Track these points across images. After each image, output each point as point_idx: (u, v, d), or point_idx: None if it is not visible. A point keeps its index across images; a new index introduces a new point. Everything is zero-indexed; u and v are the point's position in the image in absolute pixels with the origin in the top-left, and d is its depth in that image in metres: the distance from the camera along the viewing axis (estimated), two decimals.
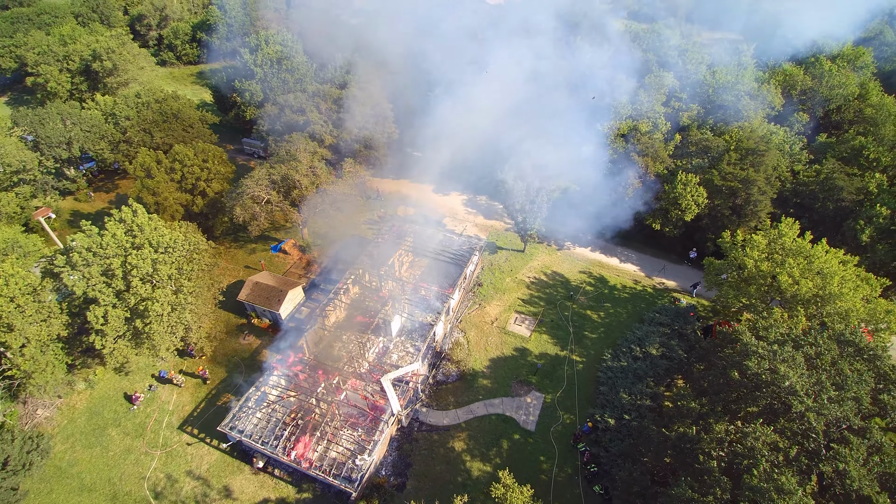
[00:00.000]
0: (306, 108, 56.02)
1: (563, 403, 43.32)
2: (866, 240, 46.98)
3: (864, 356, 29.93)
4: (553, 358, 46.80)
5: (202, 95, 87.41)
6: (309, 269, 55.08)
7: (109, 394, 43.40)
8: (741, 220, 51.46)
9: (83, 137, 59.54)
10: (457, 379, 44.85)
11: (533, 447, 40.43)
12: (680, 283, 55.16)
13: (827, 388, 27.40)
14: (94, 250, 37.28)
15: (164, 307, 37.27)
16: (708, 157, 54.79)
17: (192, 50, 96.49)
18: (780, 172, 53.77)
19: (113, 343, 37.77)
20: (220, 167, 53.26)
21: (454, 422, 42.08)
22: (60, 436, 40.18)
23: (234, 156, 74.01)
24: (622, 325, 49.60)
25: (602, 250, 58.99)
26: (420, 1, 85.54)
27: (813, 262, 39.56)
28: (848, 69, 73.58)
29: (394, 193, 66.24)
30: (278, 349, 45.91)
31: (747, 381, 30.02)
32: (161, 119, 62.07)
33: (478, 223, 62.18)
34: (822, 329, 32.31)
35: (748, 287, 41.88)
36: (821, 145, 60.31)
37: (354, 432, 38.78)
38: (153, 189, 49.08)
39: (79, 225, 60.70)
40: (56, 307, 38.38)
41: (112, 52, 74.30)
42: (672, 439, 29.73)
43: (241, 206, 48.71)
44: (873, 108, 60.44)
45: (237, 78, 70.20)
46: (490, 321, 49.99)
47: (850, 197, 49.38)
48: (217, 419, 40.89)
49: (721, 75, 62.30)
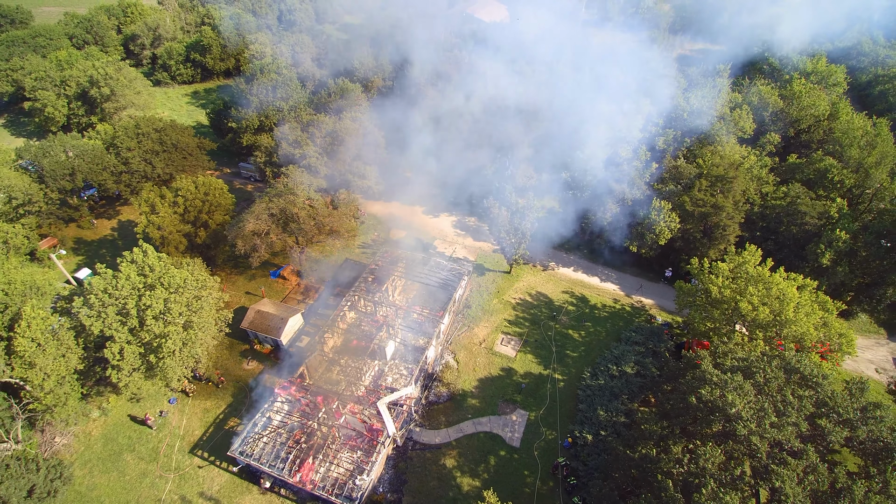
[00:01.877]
0: (301, 142, 58.88)
1: (545, 420, 46.90)
2: (827, 262, 50.72)
3: (808, 383, 33.64)
4: (537, 377, 50.34)
5: (198, 117, 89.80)
6: (307, 295, 58.19)
7: (122, 420, 46.46)
8: (711, 243, 55.12)
9: (86, 169, 62.07)
10: (447, 399, 48.29)
11: (518, 462, 44.00)
12: (657, 301, 58.85)
13: (769, 414, 31.06)
14: (109, 291, 40.21)
15: (177, 343, 40.33)
16: (681, 185, 58.33)
17: (187, 70, 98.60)
18: (748, 195, 57.43)
19: (128, 377, 40.80)
20: (220, 199, 56.08)
21: (445, 440, 45.54)
22: (79, 462, 43.23)
23: (232, 179, 76.75)
24: (601, 344, 53.20)
25: (584, 270, 62.55)
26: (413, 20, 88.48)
27: (771, 289, 43.24)
28: (820, 87, 77.52)
29: (386, 216, 69.33)
30: (280, 374, 49.20)
31: (703, 406, 33.64)
32: (161, 149, 64.71)
33: (467, 245, 65.47)
34: (773, 357, 35.89)
35: (713, 310, 45.61)
36: (790, 166, 64.08)
37: (354, 454, 42.17)
38: (158, 224, 51.90)
39: (83, 252, 63.95)
40: (73, 343, 41.27)
41: (109, 78, 76.55)
42: (636, 459, 33.37)
43: (242, 239, 51.66)
44: (841, 130, 63.96)
45: (233, 105, 72.84)
46: (478, 342, 53.42)
47: (813, 221, 53.09)
48: (225, 442, 44.20)
49: (696, 100, 65.78)
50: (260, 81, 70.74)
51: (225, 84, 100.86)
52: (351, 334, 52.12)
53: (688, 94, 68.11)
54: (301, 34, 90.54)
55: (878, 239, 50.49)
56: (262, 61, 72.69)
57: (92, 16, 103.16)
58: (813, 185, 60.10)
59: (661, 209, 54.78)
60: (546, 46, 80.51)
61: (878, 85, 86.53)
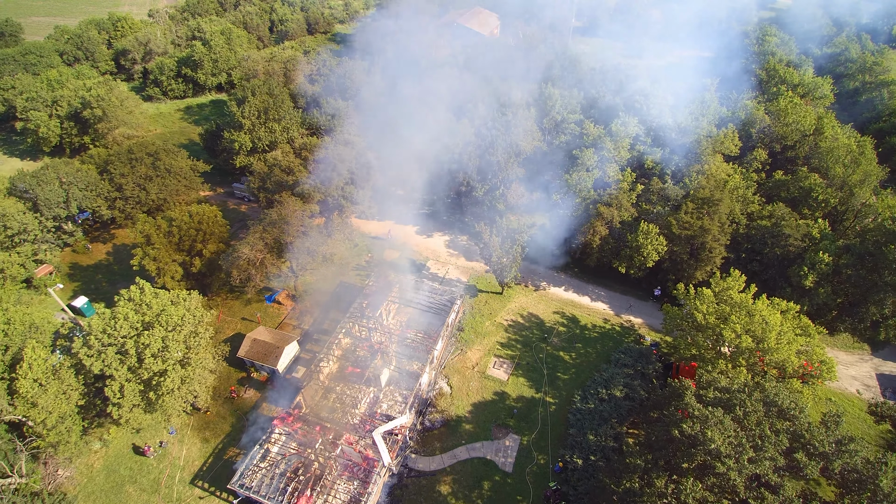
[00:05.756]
0: (294, 168, 59.58)
1: (537, 444, 48.19)
2: (810, 285, 52.06)
3: (786, 417, 35.00)
4: (529, 400, 51.58)
5: (190, 134, 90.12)
6: (302, 320, 59.11)
7: (123, 451, 47.41)
8: (698, 265, 56.34)
9: (80, 196, 62.60)
10: (442, 425, 49.48)
11: (511, 487, 45.30)
12: (646, 320, 60.15)
13: (747, 450, 32.40)
14: (108, 332, 41.02)
15: (175, 381, 41.24)
16: (668, 206, 59.47)
17: (178, 85, 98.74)
18: (734, 216, 58.63)
19: (129, 413, 41.71)
20: (214, 228, 56.81)
21: (440, 466, 46.77)
22: (82, 494, 44.22)
23: (225, 199, 77.40)
24: (591, 366, 54.47)
25: (575, 289, 63.75)
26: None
27: (754, 316, 44.52)
28: (807, 100, 78.75)
29: (379, 236, 70.18)
30: (278, 402, 50.25)
31: (685, 440, 34.95)
32: (154, 174, 65.28)
33: (459, 265, 66.51)
34: (754, 389, 37.21)
35: (698, 335, 46.94)
36: (775, 183, 65.30)
37: (351, 484, 43.32)
38: (154, 255, 52.62)
39: (79, 278, 64.53)
40: (74, 380, 42.12)
41: (101, 99, 76.82)
42: (620, 493, 34.69)
43: (237, 269, 52.49)
44: (826, 148, 65.14)
45: (225, 128, 73.31)
46: (471, 366, 54.57)
47: (796, 243, 54.37)
48: (225, 472, 45.31)
49: (682, 119, 66.78)
50: (252, 103, 71.20)
51: (217, 98, 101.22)
52: (346, 360, 53.14)
53: (675, 112, 69.09)
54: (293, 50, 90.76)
55: (860, 260, 51.82)
56: (252, 83, 73.03)
57: (82, 31, 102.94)
58: (797, 203, 61.38)
59: (648, 233, 55.91)
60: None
61: (864, 93, 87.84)
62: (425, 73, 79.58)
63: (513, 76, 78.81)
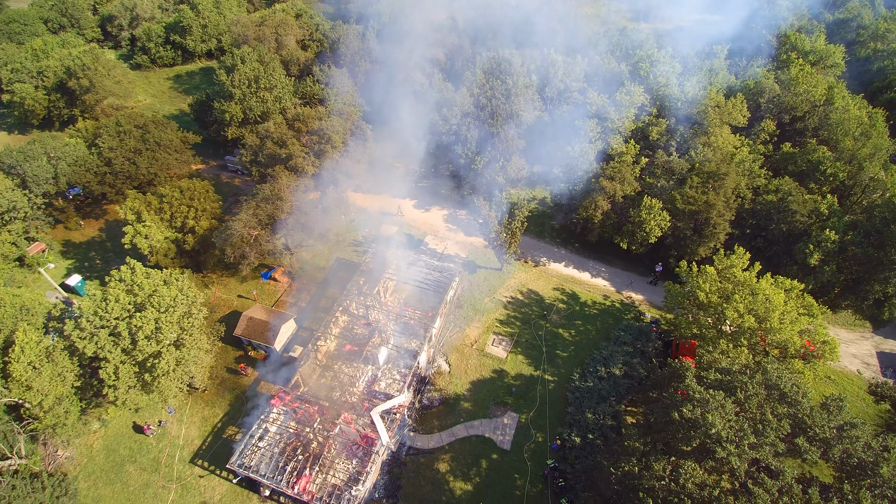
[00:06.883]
0: (287, 141, 57.65)
1: (535, 422, 48.26)
2: (815, 263, 51.00)
3: (787, 400, 34.59)
4: (527, 378, 51.41)
5: (180, 104, 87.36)
6: (299, 298, 58.44)
7: (122, 431, 47.55)
8: (702, 241, 55.16)
9: (69, 171, 60.90)
10: (440, 403, 49.44)
11: (508, 465, 45.56)
12: (646, 297, 59.45)
13: (748, 435, 32.11)
14: (99, 314, 40.31)
15: (170, 363, 40.82)
16: (673, 180, 57.81)
17: (167, 52, 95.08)
18: (739, 191, 57.04)
19: (125, 394, 41.48)
20: (206, 204, 55.42)
21: (438, 444, 46.95)
22: (83, 474, 44.53)
23: (218, 172, 75.57)
24: (591, 343, 54.08)
25: (575, 265, 62.79)
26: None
27: (757, 295, 43.70)
28: (818, 68, 75.72)
29: (376, 211, 68.73)
30: (275, 381, 50.13)
31: (684, 423, 34.66)
32: (144, 147, 63.32)
33: (458, 240, 65.32)
34: (756, 371, 36.73)
35: (699, 313, 46.27)
36: (783, 156, 63.38)
37: (350, 462, 43.54)
38: (145, 233, 51.44)
39: (72, 255, 63.58)
40: (68, 362, 41.69)
41: (87, 68, 73.96)
42: (619, 476, 34.67)
43: (231, 246, 51.42)
44: (836, 120, 62.84)
45: (215, 98, 70.82)
46: (470, 343, 54.20)
47: (803, 220, 53.02)
48: (224, 451, 45.50)
49: (689, 88, 64.28)
50: (241, 72, 68.46)
51: (207, 66, 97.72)
52: (344, 339, 52.74)
53: (682, 80, 66.49)
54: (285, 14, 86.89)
55: (866, 237, 50.61)
56: (242, 50, 70.01)
57: None
58: (805, 177, 59.68)
59: (651, 208, 54.51)
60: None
61: (876, 61, 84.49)
62: (423, 38, 76.42)
63: (514, 42, 75.68)
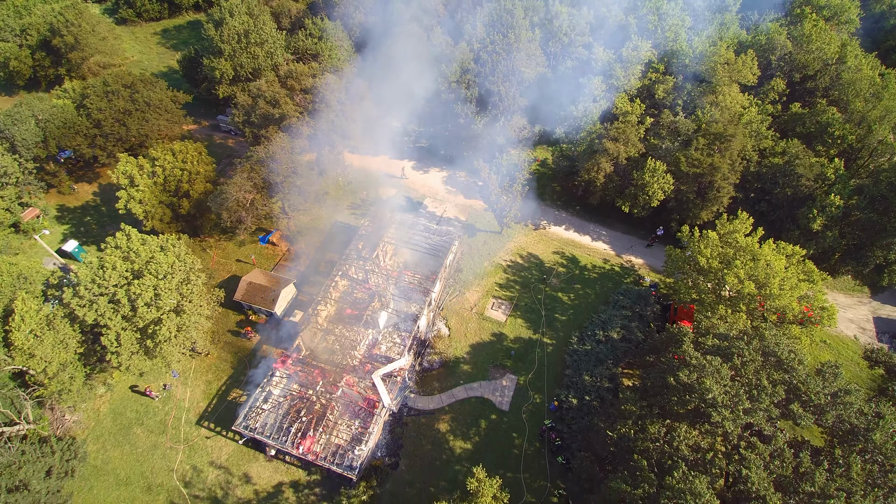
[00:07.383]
0: (280, 100, 55.73)
1: (534, 384, 49.18)
2: (818, 228, 50.49)
3: (783, 367, 35.01)
4: (526, 341, 51.99)
5: (169, 61, 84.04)
6: (298, 262, 58.20)
7: (128, 394, 48.43)
8: (705, 205, 54.43)
9: (58, 134, 59.19)
10: (440, 366, 50.19)
11: (507, 425, 46.77)
12: (646, 260, 59.31)
13: (742, 401, 32.66)
14: (97, 282, 40.10)
15: (171, 330, 41.00)
16: (678, 141, 56.38)
17: (153, 5, 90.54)
18: (745, 153, 55.77)
19: (128, 360, 41.90)
20: (199, 167, 54.19)
21: (439, 406, 48.00)
22: (91, 437, 45.64)
23: (211, 133, 73.64)
24: (590, 307, 54.36)
25: (576, 228, 62.25)
26: None
27: (758, 261, 43.48)
28: (832, 24, 72.44)
29: (374, 172, 67.38)
30: (278, 345, 50.67)
31: (680, 387, 35.23)
32: (133, 108, 61.30)
33: (458, 203, 64.43)
34: (753, 337, 37.01)
35: (699, 278, 46.21)
36: (791, 116, 61.61)
37: (353, 423, 44.60)
38: (139, 198, 50.54)
39: (67, 220, 62.80)
40: (70, 330, 41.85)
41: (71, 24, 70.63)
42: (614, 439, 35.57)
43: (226, 211, 50.67)
44: (848, 79, 60.68)
45: (204, 54, 67.98)
46: (469, 307, 54.46)
47: (808, 184, 52.10)
48: (229, 412, 46.56)
49: (698, 44, 61.67)
50: (230, 25, 65.34)
51: (195, 19, 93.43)
52: (344, 303, 52.90)
53: (691, 34, 63.68)
54: None
55: (871, 202, 49.90)
56: (230, 2, 66.53)
57: None
58: (812, 139, 58.22)
59: (655, 170, 53.43)
60: None
61: (892, 17, 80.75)
62: None
63: None
